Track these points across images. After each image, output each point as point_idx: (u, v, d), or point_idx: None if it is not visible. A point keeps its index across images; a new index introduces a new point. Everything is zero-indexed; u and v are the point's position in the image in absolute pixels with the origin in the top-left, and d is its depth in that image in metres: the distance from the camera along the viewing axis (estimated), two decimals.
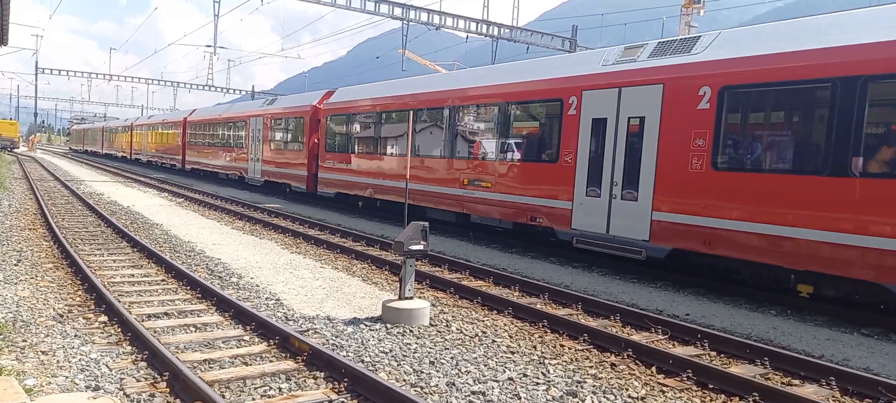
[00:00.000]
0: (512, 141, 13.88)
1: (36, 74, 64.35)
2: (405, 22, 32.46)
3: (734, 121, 10.02)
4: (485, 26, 34.72)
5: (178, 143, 37.30)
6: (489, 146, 14.35)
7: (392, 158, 17.97)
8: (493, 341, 7.10)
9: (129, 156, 50.58)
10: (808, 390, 6.03)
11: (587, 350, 7.00)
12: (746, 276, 10.21)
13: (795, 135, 9.53)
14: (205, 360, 5.99)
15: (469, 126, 15.48)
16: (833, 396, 5.97)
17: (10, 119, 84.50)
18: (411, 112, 16.40)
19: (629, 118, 11.18)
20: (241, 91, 76.56)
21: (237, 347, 6.45)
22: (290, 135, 24.27)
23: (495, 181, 13.88)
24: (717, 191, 9.81)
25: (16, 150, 65.65)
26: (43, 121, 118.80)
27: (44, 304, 7.68)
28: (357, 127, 19.89)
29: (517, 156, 13.74)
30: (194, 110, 38.58)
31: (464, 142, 15.41)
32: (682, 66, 10.51)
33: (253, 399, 5.18)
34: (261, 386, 5.44)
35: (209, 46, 46.84)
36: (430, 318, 7.74)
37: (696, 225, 10.04)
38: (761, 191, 9.30)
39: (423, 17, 32.58)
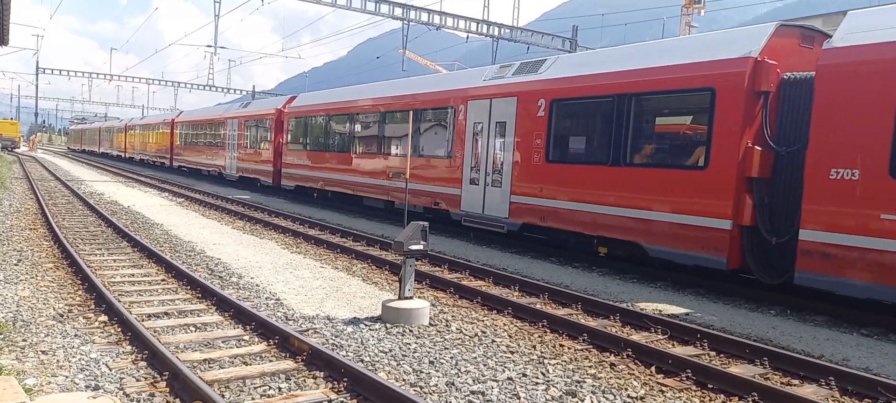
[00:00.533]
0: (422, 140, 16.85)
1: (36, 74, 64.38)
2: (405, 22, 32.46)
3: (559, 125, 12.90)
4: (485, 26, 34.72)
5: (166, 143, 40.01)
6: (406, 145, 16.69)
7: (337, 156, 20.92)
8: (493, 341, 7.11)
9: (124, 155, 53.03)
10: (807, 390, 6.03)
11: (586, 349, 7.00)
12: (572, 244, 12.87)
13: (593, 136, 12.44)
14: (205, 360, 5.99)
15: (392, 129, 18.38)
16: (832, 396, 5.97)
17: (11, 119, 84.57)
18: (351, 116, 19.97)
19: (497, 122, 14.13)
20: (241, 91, 76.56)
21: (237, 347, 6.46)
22: (259, 136, 27.31)
23: (411, 174, 16.03)
24: (549, 178, 12.80)
25: (16, 150, 65.70)
26: (43, 122, 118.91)
27: (44, 304, 7.69)
28: (310, 129, 23.00)
29: (425, 153, 16.65)
30: (181, 112, 41.58)
31: (388, 142, 18.53)
32: (529, 82, 13.44)
33: (252, 399, 5.19)
34: (260, 386, 5.45)
35: (210, 46, 47.12)
36: (430, 318, 7.75)
37: (536, 204, 13.00)
38: (573, 178, 12.34)
39: (424, 17, 32.58)
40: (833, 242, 8.35)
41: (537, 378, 5.97)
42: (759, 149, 9.46)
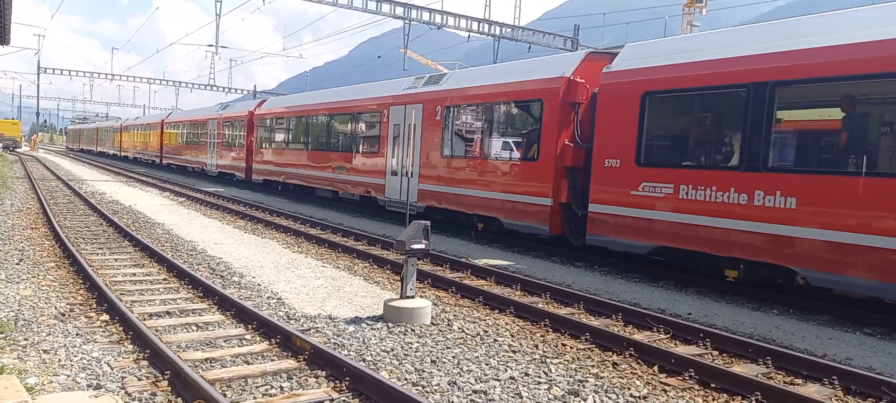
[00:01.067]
0: (359, 139, 19.95)
1: (38, 74, 64.45)
2: (407, 21, 32.44)
3: (452, 127, 15.87)
4: (486, 26, 34.68)
5: (157, 142, 43.04)
6: (347, 142, 20.50)
7: (295, 153, 24.08)
8: (495, 340, 7.09)
9: (119, 154, 55.98)
10: (810, 389, 6.01)
11: (589, 349, 6.99)
12: (463, 221, 15.78)
13: (472, 135, 15.81)
14: (206, 359, 5.99)
15: (337, 128, 21.55)
16: (835, 395, 5.95)
17: (13, 119, 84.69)
18: (306, 119, 23.49)
19: (410, 124, 17.02)
20: (243, 90, 76.54)
21: (239, 346, 6.45)
22: (234, 136, 30.34)
23: (350, 167, 19.93)
24: (444, 169, 15.77)
25: (18, 150, 65.78)
26: (45, 121, 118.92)
27: (46, 303, 7.69)
28: (274, 129, 26.30)
29: (361, 149, 19.74)
30: (170, 113, 45.39)
31: (334, 139, 21.65)
32: (432, 92, 16.51)
33: (254, 398, 5.18)
34: (262, 385, 5.44)
35: (211, 46, 47.38)
36: (432, 317, 7.74)
37: (436, 190, 16.02)
38: (459, 170, 15.33)
39: (425, 16, 32.56)
40: (608, 212, 11.44)
41: (540, 377, 5.96)
42: (572, 145, 12.52)
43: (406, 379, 5.74)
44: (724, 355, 7.01)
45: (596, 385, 5.85)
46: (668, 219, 10.47)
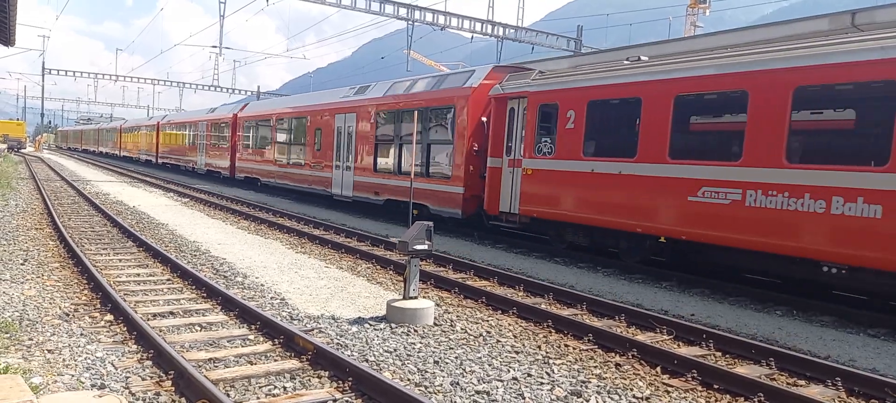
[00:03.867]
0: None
1: (43, 75, 64.65)
2: (410, 22, 32.48)
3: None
4: (490, 26, 34.68)
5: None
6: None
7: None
8: (498, 341, 7.10)
9: (118, 154, 58.70)
10: (813, 390, 6.00)
11: (592, 350, 6.99)
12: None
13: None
14: (210, 359, 6.00)
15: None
16: (839, 397, 5.94)
17: (17, 120, 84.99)
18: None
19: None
20: (246, 91, 76.64)
21: (242, 346, 6.47)
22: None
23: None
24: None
25: (22, 151, 65.98)
26: (49, 122, 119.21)
27: (50, 303, 7.72)
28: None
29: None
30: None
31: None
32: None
33: (257, 398, 5.19)
34: (265, 385, 5.46)
35: (215, 47, 47.59)
36: (435, 318, 7.74)
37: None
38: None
39: (428, 17, 32.59)
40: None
41: (542, 378, 5.96)
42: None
43: (409, 380, 5.74)
44: (727, 356, 7.00)
45: (598, 386, 5.85)
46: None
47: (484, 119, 14.96)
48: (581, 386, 5.79)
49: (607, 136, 12.56)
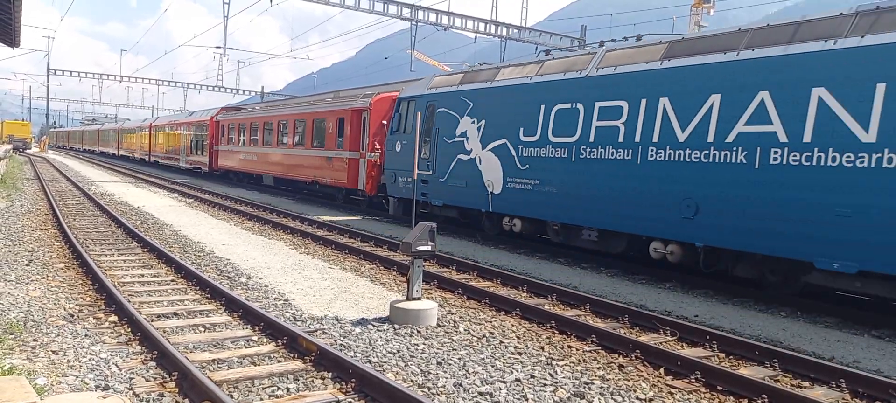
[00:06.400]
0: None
1: (47, 76, 64.81)
2: (414, 22, 32.49)
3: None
4: (493, 27, 34.68)
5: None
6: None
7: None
8: (501, 342, 7.10)
9: (116, 153, 62.25)
10: (817, 392, 5.99)
11: (595, 351, 6.98)
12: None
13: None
14: (213, 360, 6.02)
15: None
16: (843, 398, 5.92)
17: (23, 120, 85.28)
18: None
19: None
20: (250, 92, 76.77)
21: (246, 347, 6.48)
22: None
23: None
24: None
25: (28, 151, 66.21)
26: (54, 123, 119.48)
27: (55, 304, 7.74)
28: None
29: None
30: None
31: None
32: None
33: (261, 399, 5.20)
34: (269, 386, 5.47)
35: (219, 47, 47.92)
36: (438, 319, 7.75)
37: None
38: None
39: (432, 17, 32.60)
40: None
41: (545, 379, 5.96)
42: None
43: (412, 381, 5.75)
44: (731, 357, 6.99)
45: (602, 387, 5.85)
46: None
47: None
48: (584, 388, 5.78)
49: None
